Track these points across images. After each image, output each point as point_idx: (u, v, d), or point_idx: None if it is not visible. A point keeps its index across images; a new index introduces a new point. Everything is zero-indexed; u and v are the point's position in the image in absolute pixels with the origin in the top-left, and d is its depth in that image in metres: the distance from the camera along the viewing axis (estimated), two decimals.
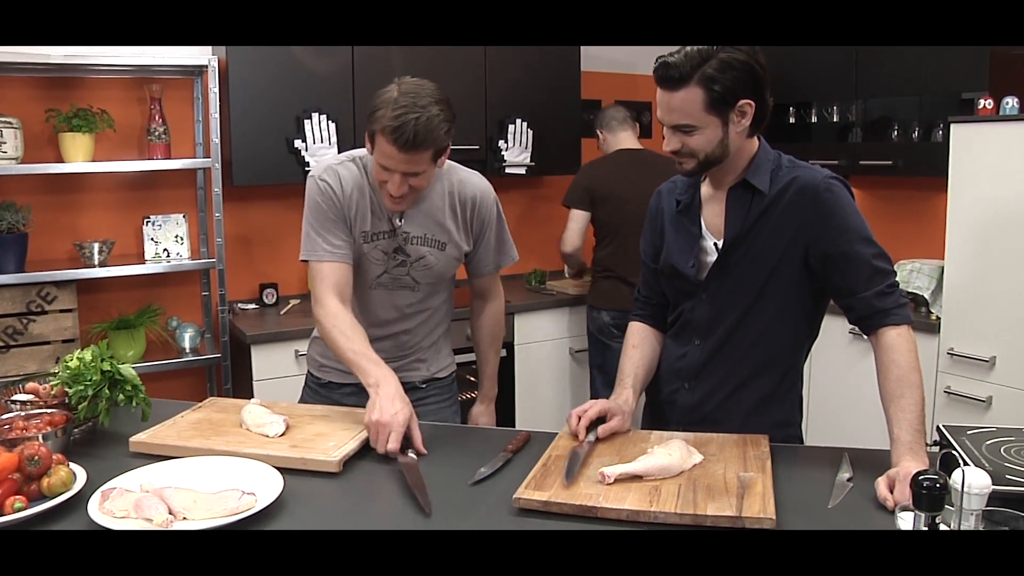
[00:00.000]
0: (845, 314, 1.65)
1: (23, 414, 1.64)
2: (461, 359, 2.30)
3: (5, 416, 1.63)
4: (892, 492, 1.36)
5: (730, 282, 1.69)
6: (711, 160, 1.63)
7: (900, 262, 3.37)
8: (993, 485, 1.14)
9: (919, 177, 3.63)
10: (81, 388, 1.67)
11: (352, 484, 1.52)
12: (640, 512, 1.32)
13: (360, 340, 1.82)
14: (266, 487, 1.40)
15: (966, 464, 1.39)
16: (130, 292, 3.41)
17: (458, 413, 2.21)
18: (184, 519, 1.30)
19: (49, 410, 1.67)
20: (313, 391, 2.17)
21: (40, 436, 1.52)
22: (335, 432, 1.69)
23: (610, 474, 1.42)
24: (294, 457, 1.56)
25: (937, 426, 1.60)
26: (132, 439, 1.66)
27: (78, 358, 1.71)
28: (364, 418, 1.68)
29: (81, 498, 1.37)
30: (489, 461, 1.57)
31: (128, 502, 1.33)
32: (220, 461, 1.52)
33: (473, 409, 2.29)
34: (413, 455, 1.61)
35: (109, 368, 1.70)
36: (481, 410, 2.28)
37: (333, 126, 3.43)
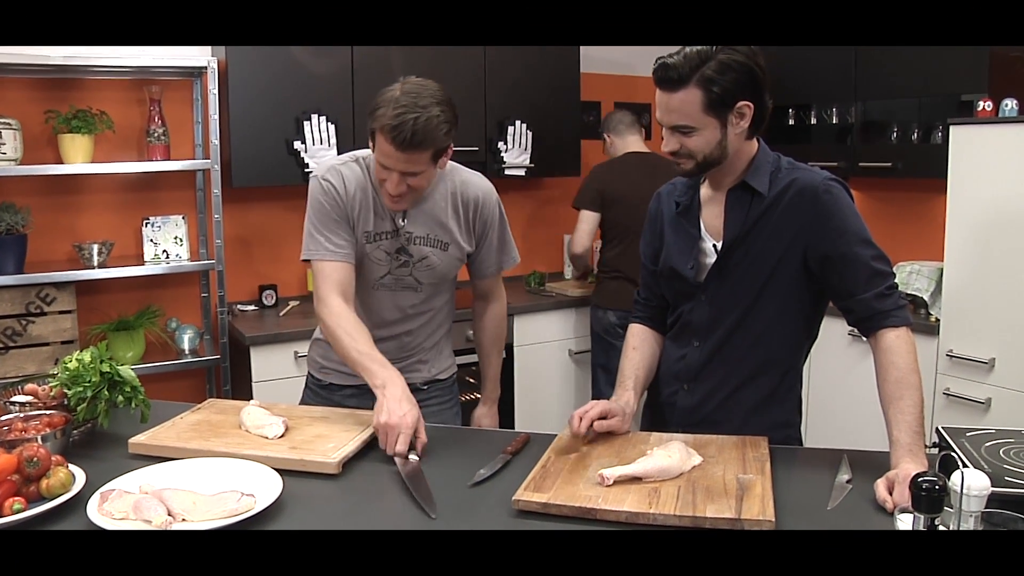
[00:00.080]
0: (844, 316, 1.66)
1: (22, 415, 1.64)
2: (461, 360, 2.29)
3: (4, 417, 1.63)
4: (891, 494, 1.36)
5: (729, 284, 1.69)
6: (709, 161, 1.63)
7: (899, 264, 3.37)
8: (992, 487, 1.14)
9: (918, 179, 3.63)
10: (80, 389, 1.67)
11: (351, 486, 1.52)
12: (639, 514, 1.32)
13: (365, 340, 1.81)
14: (265, 489, 1.41)
15: (965, 466, 1.39)
16: (129, 293, 3.40)
17: (459, 415, 2.21)
18: (183, 520, 1.30)
19: (48, 411, 1.67)
20: (314, 392, 2.17)
21: (39, 437, 1.52)
22: (334, 434, 1.69)
23: (609, 476, 1.42)
24: (293, 459, 1.56)
25: (936, 428, 1.60)
26: (131, 440, 1.66)
27: (77, 359, 1.71)
28: (372, 420, 1.67)
29: (80, 500, 1.37)
30: (488, 463, 1.57)
31: (127, 504, 1.33)
32: (219, 463, 1.52)
33: (476, 411, 2.29)
34: (415, 456, 1.61)
35: (108, 369, 1.70)
36: (484, 412, 2.28)
37: (332, 127, 3.43)
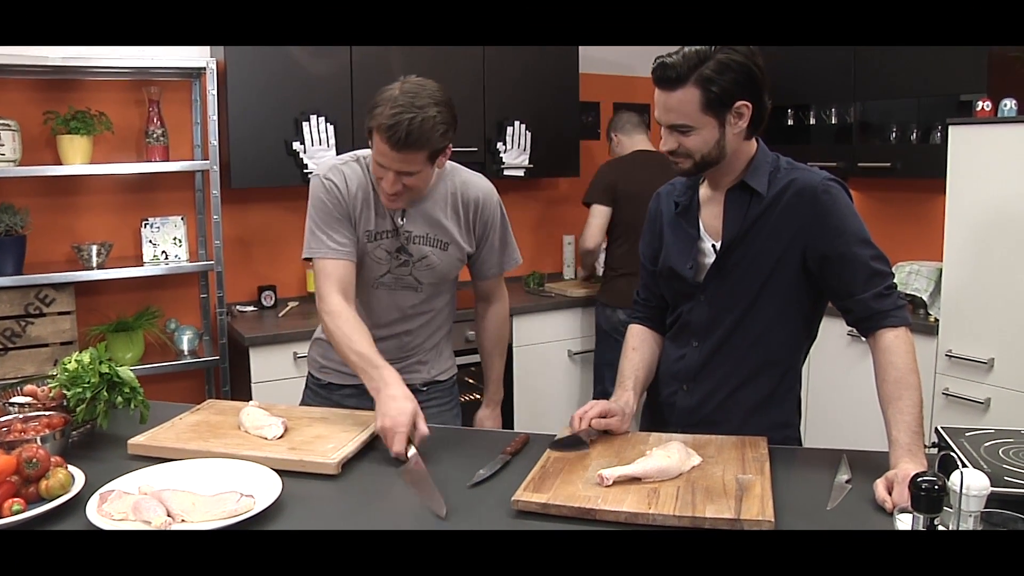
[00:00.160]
0: (843, 316, 1.66)
1: (21, 416, 1.64)
2: (460, 361, 2.29)
3: (3, 419, 1.63)
4: (891, 494, 1.36)
5: (728, 284, 1.69)
6: (707, 161, 1.63)
7: (898, 264, 3.37)
8: (991, 487, 1.14)
9: (917, 179, 3.64)
10: (79, 390, 1.67)
11: (351, 486, 1.52)
12: (639, 514, 1.32)
13: (362, 341, 1.81)
14: (265, 489, 1.40)
15: (964, 466, 1.39)
16: (128, 294, 3.40)
17: (459, 416, 2.20)
18: (183, 521, 1.30)
19: (47, 412, 1.67)
20: (314, 392, 2.17)
21: (38, 438, 1.52)
22: (334, 434, 1.69)
23: (608, 476, 1.42)
24: (293, 459, 1.56)
25: (936, 428, 1.60)
26: (130, 441, 1.66)
27: (76, 360, 1.71)
28: (372, 421, 1.69)
29: (79, 500, 1.37)
30: (488, 463, 1.57)
31: (127, 504, 1.33)
32: (218, 463, 1.52)
33: (479, 413, 2.28)
34: (414, 450, 1.60)
35: (107, 370, 1.70)
36: (487, 414, 2.27)
37: (331, 128, 3.43)
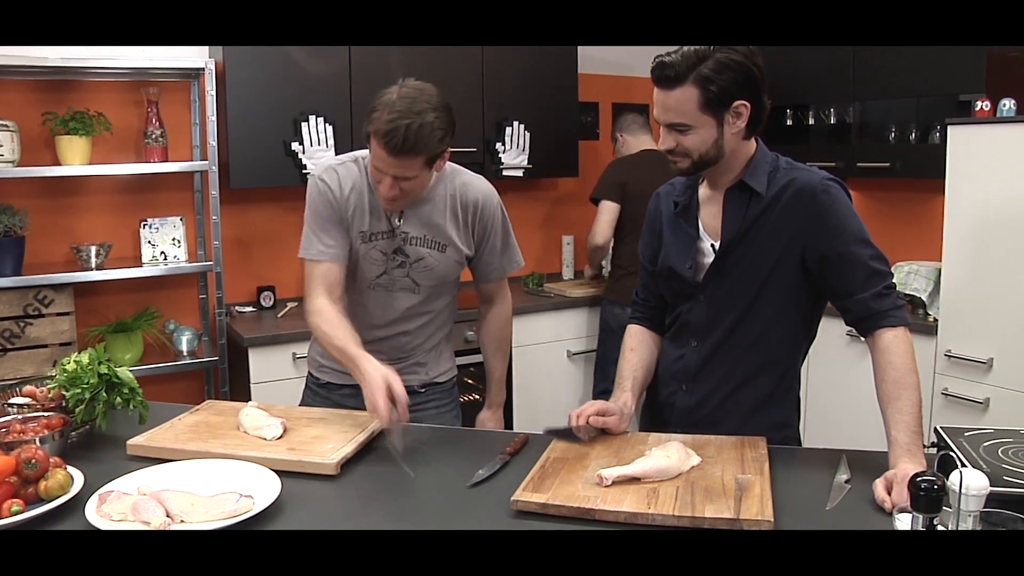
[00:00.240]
0: (842, 316, 1.66)
1: (20, 417, 1.64)
2: (459, 361, 2.28)
3: (2, 419, 1.63)
4: (890, 494, 1.36)
5: (727, 284, 1.69)
6: (705, 160, 1.63)
7: (897, 264, 3.37)
8: (991, 487, 1.14)
9: (916, 179, 3.63)
10: (78, 391, 1.67)
11: (350, 487, 1.52)
12: (638, 514, 1.32)
13: (343, 335, 1.81)
14: (264, 490, 1.40)
15: (964, 465, 1.39)
16: (127, 295, 3.40)
17: (459, 418, 2.19)
18: (182, 522, 1.30)
19: (46, 413, 1.67)
20: (313, 392, 2.17)
21: (37, 439, 1.52)
22: (333, 435, 1.69)
23: (608, 476, 1.42)
24: (292, 460, 1.56)
25: (935, 427, 1.59)
26: (129, 442, 1.66)
27: (75, 361, 1.71)
28: (371, 421, 1.73)
29: (79, 501, 1.37)
30: (487, 463, 1.57)
31: (126, 505, 1.33)
32: (218, 464, 1.52)
33: (480, 414, 2.28)
34: (396, 415, 1.62)
35: (106, 371, 1.70)
36: (488, 415, 2.26)
37: (330, 128, 3.42)
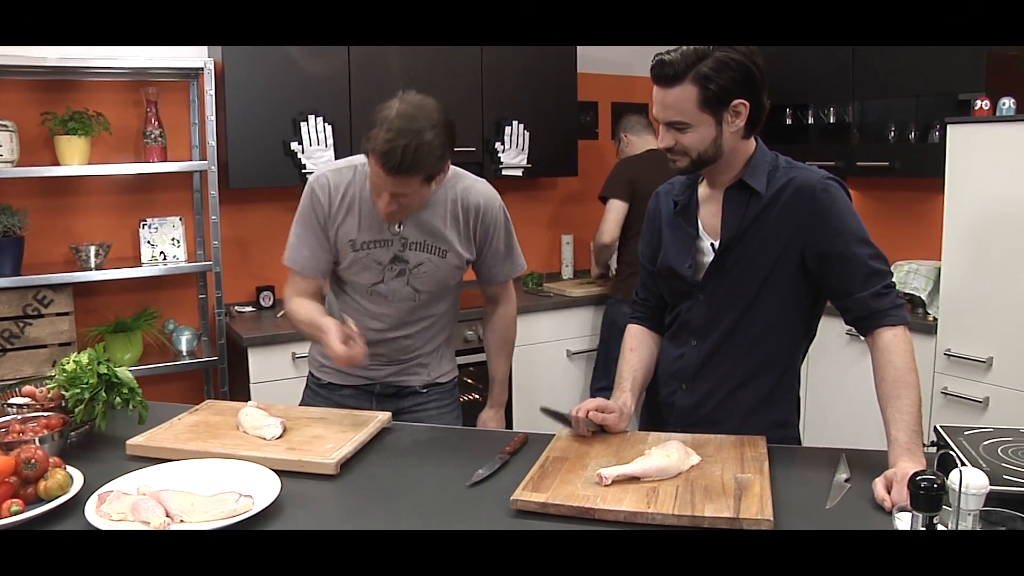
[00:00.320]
0: (841, 315, 1.66)
1: (20, 417, 1.64)
2: (459, 361, 2.28)
3: (2, 420, 1.63)
4: (890, 493, 1.36)
5: (727, 283, 1.69)
6: (704, 159, 1.63)
7: (897, 263, 3.37)
8: (990, 485, 1.14)
9: (916, 178, 3.63)
10: (78, 391, 1.67)
11: (349, 486, 1.52)
12: (638, 513, 1.32)
13: (309, 307, 1.93)
14: (263, 489, 1.40)
15: (963, 464, 1.39)
16: (127, 295, 3.40)
17: (459, 419, 2.19)
18: (181, 522, 1.30)
19: (46, 413, 1.67)
20: (314, 392, 2.17)
21: (37, 439, 1.52)
22: (332, 434, 1.69)
23: (608, 475, 1.42)
24: (291, 459, 1.56)
25: (934, 427, 1.59)
26: (129, 442, 1.65)
27: (75, 361, 1.71)
28: (369, 419, 1.79)
29: (78, 501, 1.37)
30: (487, 463, 1.57)
31: (125, 505, 1.32)
32: (217, 464, 1.52)
33: (482, 414, 2.28)
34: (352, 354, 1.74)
35: (106, 371, 1.70)
36: (490, 415, 2.26)
37: (329, 128, 3.41)
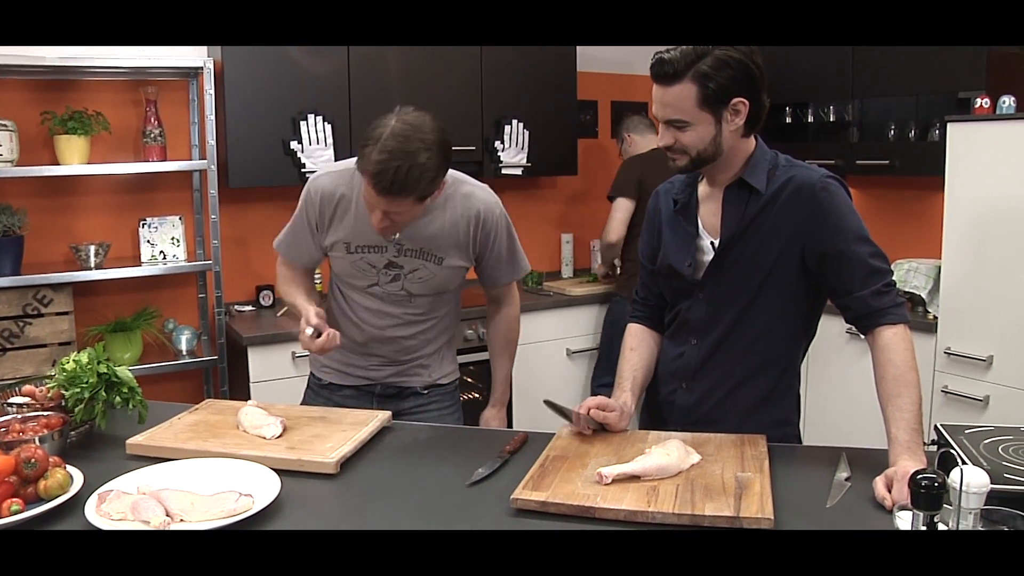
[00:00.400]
0: (841, 313, 1.65)
1: (19, 417, 1.64)
2: (460, 359, 2.28)
3: (2, 419, 1.62)
4: (890, 491, 1.36)
5: (727, 281, 1.69)
6: (703, 157, 1.63)
7: (897, 261, 3.37)
8: (991, 484, 1.14)
9: (916, 176, 3.64)
10: (78, 391, 1.67)
11: (349, 486, 1.52)
12: (638, 512, 1.32)
13: (293, 290, 2.05)
14: (263, 489, 1.40)
15: (964, 463, 1.39)
16: (126, 294, 3.40)
17: (460, 420, 2.19)
18: (181, 521, 1.30)
19: (46, 413, 1.67)
20: (315, 392, 2.18)
21: (37, 439, 1.52)
22: (332, 434, 1.69)
23: (608, 474, 1.42)
24: (291, 459, 1.56)
25: (935, 425, 1.59)
26: (129, 441, 1.65)
27: (74, 361, 1.71)
28: (368, 417, 1.80)
29: (78, 501, 1.37)
30: (487, 462, 1.57)
31: (125, 504, 1.32)
32: (217, 463, 1.52)
33: (485, 413, 2.28)
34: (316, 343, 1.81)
35: (106, 370, 1.70)
36: (492, 414, 2.27)
37: (329, 127, 3.41)
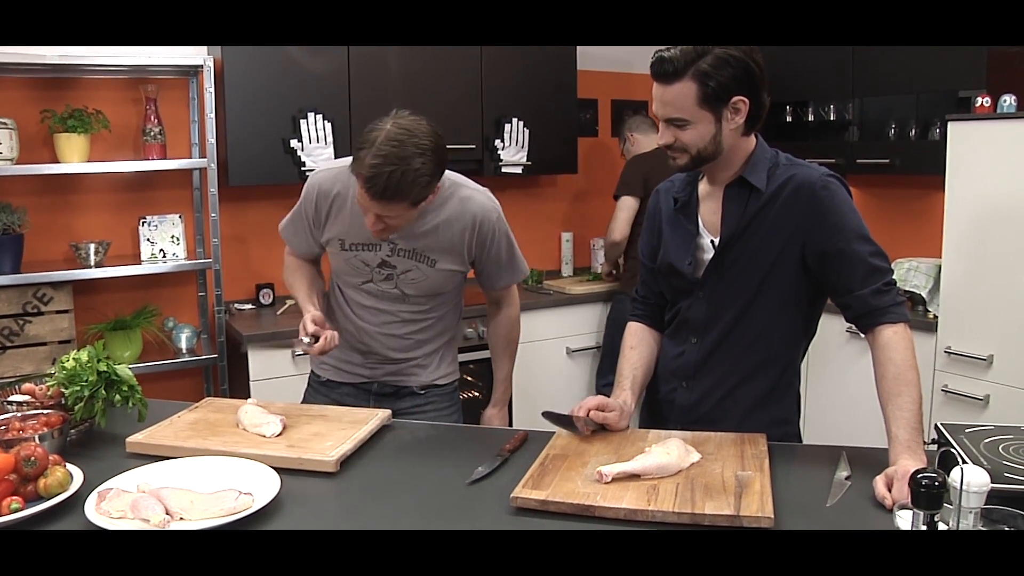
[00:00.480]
0: (842, 312, 1.65)
1: (19, 415, 1.64)
2: (459, 358, 2.28)
3: (1, 417, 1.62)
4: (890, 490, 1.36)
5: (727, 280, 1.69)
6: (703, 156, 1.63)
7: (897, 260, 3.37)
8: (992, 483, 1.14)
9: (916, 175, 3.63)
10: (77, 389, 1.67)
11: (349, 484, 1.52)
12: (638, 511, 1.32)
13: (297, 284, 2.11)
14: (263, 487, 1.40)
15: (964, 462, 1.38)
16: (126, 293, 3.40)
17: (459, 421, 2.18)
18: (181, 519, 1.30)
19: (45, 411, 1.67)
20: (314, 389, 2.18)
21: (36, 437, 1.52)
22: (332, 432, 1.69)
23: (608, 473, 1.41)
24: (291, 457, 1.56)
25: (935, 424, 1.59)
26: (129, 440, 1.65)
27: (74, 359, 1.71)
28: (367, 415, 1.79)
29: (78, 499, 1.37)
30: (487, 460, 1.57)
31: (125, 503, 1.32)
32: (217, 461, 1.52)
33: (486, 411, 2.28)
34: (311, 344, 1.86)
35: (105, 369, 1.70)
36: (494, 413, 2.27)
37: (329, 125, 3.41)
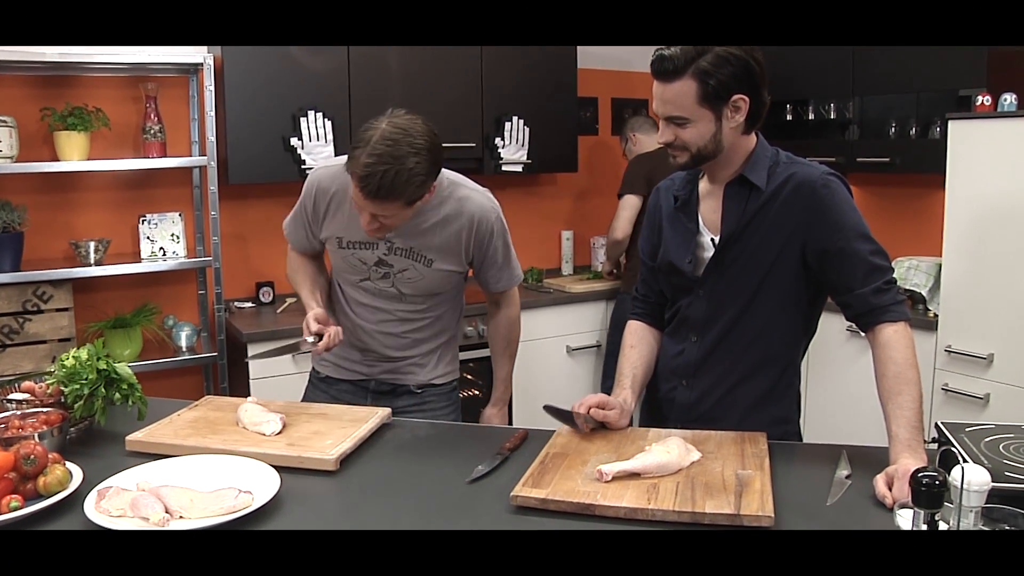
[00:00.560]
0: (842, 311, 1.65)
1: (19, 413, 1.64)
2: (460, 356, 2.28)
3: (1, 415, 1.62)
4: (891, 489, 1.36)
5: (727, 278, 1.69)
6: (704, 154, 1.63)
7: (897, 259, 3.37)
8: (992, 482, 1.14)
9: (916, 174, 3.63)
10: (77, 387, 1.67)
11: (349, 483, 1.52)
12: (638, 510, 1.32)
13: (300, 280, 2.11)
14: (263, 486, 1.40)
15: (965, 461, 1.38)
16: (126, 291, 3.40)
17: (458, 421, 2.18)
18: (180, 518, 1.30)
19: (45, 409, 1.67)
20: (314, 385, 2.19)
21: (36, 435, 1.52)
22: (332, 430, 1.69)
23: (608, 471, 1.41)
24: (291, 455, 1.56)
25: (935, 423, 1.59)
26: (128, 438, 1.65)
27: (74, 357, 1.71)
28: (367, 414, 1.79)
29: (77, 497, 1.36)
30: (487, 459, 1.57)
31: (124, 501, 1.32)
32: (216, 460, 1.52)
33: (486, 410, 2.29)
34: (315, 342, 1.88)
35: (105, 367, 1.70)
36: (494, 412, 2.27)
37: (329, 124, 3.41)
